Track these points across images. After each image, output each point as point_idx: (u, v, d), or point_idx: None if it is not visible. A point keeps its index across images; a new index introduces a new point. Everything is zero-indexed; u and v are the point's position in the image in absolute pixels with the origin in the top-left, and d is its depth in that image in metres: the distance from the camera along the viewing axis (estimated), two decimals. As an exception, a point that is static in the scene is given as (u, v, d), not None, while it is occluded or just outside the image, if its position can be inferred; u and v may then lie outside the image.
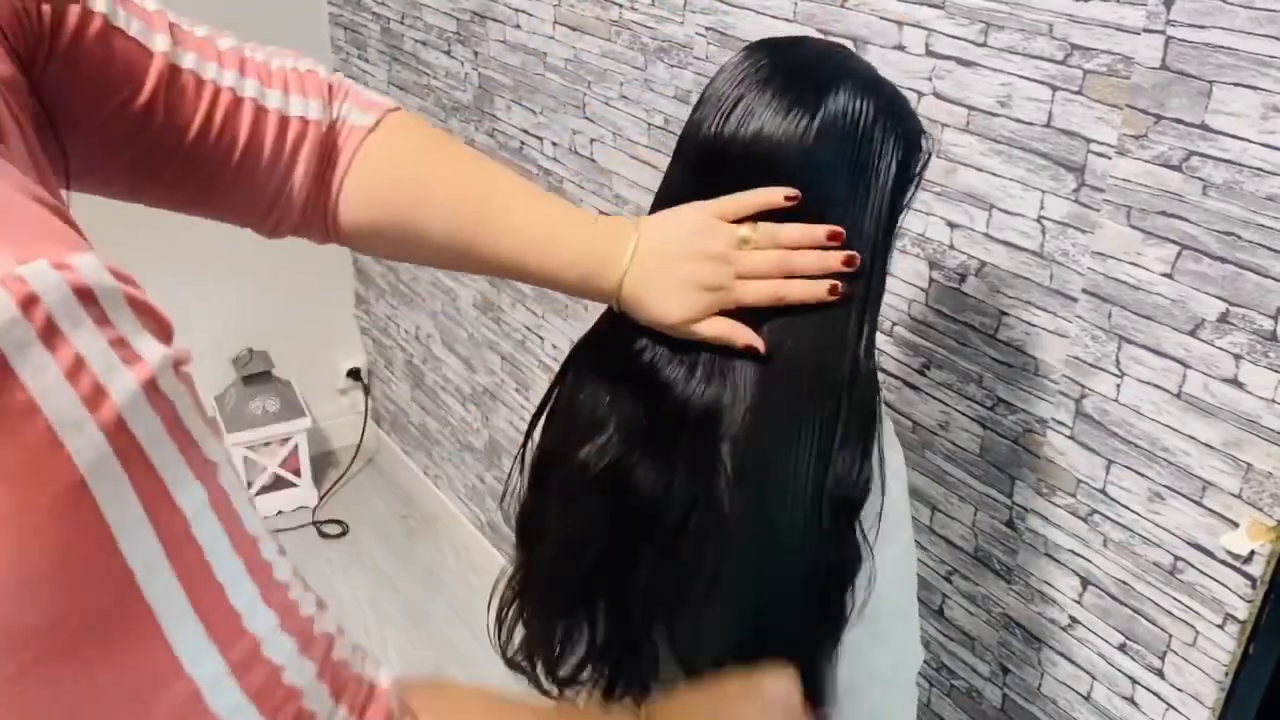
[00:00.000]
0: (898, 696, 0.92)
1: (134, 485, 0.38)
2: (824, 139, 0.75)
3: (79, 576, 0.37)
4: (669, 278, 0.77)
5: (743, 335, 0.77)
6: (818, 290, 0.75)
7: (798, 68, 0.79)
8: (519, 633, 0.94)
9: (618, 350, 0.84)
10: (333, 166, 0.80)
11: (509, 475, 0.91)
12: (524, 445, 0.90)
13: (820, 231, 0.76)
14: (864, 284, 0.78)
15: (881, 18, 1.16)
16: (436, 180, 0.82)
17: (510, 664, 0.95)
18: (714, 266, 0.76)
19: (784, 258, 0.76)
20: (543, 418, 0.89)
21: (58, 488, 0.36)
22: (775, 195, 0.76)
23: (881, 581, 0.81)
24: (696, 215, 0.78)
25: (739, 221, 0.77)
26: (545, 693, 0.95)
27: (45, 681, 0.38)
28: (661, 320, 0.78)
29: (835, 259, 0.75)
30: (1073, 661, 1.15)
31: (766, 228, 0.77)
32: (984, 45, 1.06)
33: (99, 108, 0.70)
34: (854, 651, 0.84)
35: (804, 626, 0.83)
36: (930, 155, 0.82)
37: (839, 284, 0.76)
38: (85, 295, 0.37)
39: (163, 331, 0.41)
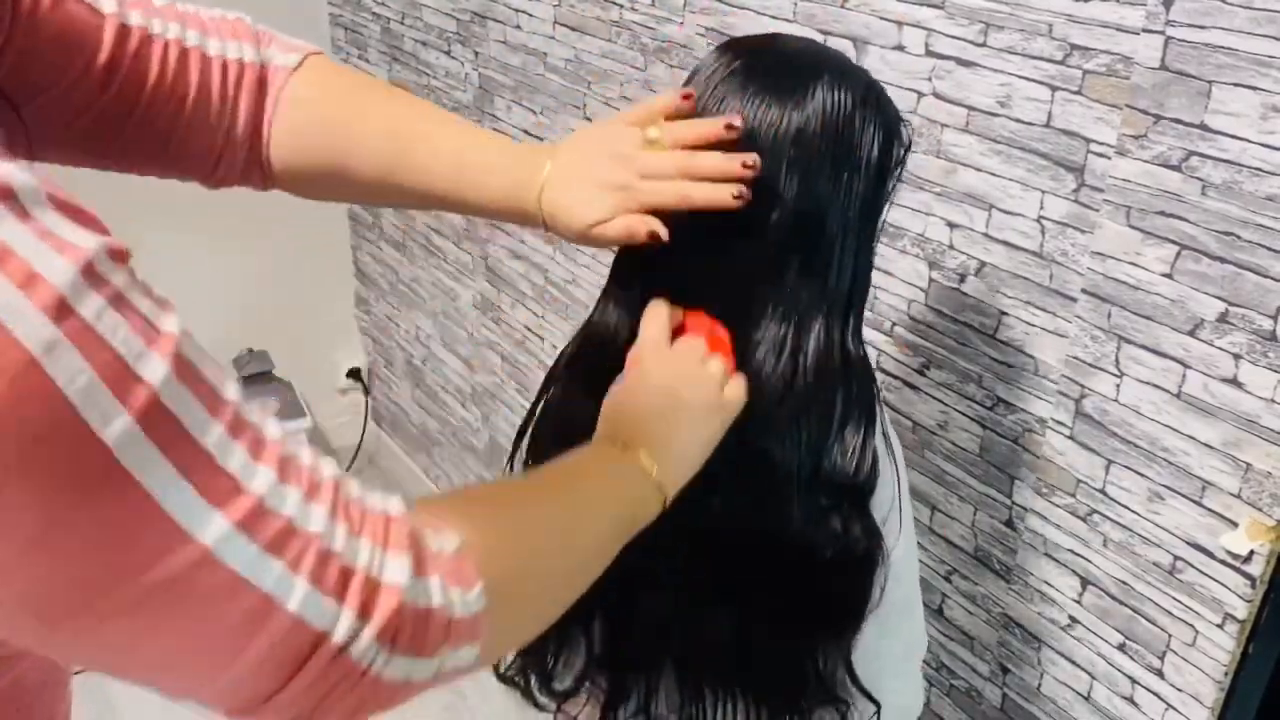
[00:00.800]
0: (909, 685, 0.93)
1: (88, 360, 0.37)
2: (806, 132, 0.75)
3: (53, 459, 0.37)
4: (579, 184, 0.78)
5: (643, 226, 0.75)
6: (721, 195, 0.73)
7: (775, 63, 0.79)
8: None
9: (606, 358, 0.83)
10: (263, 107, 0.82)
11: None
12: (511, 456, 0.90)
13: (718, 126, 0.75)
14: (849, 277, 0.78)
15: (881, 18, 1.16)
16: (362, 120, 0.83)
17: (503, 679, 0.94)
18: (617, 165, 0.76)
19: (686, 158, 0.75)
20: (530, 429, 0.89)
21: (11, 371, 0.36)
22: (675, 95, 0.76)
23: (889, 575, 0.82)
24: (606, 123, 0.80)
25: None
26: (541, 707, 0.95)
27: (52, 560, 0.38)
28: (573, 225, 0.78)
29: (736, 161, 0.74)
30: (1072, 661, 1.15)
31: (670, 126, 0.76)
32: (984, 45, 1.06)
33: (59, 77, 0.71)
34: (864, 645, 0.84)
35: (824, 619, 0.83)
36: (910, 142, 0.82)
37: (744, 190, 0.73)
38: (3, 193, 0.37)
39: (96, 229, 0.41)
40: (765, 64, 0.79)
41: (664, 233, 0.76)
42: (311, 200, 0.90)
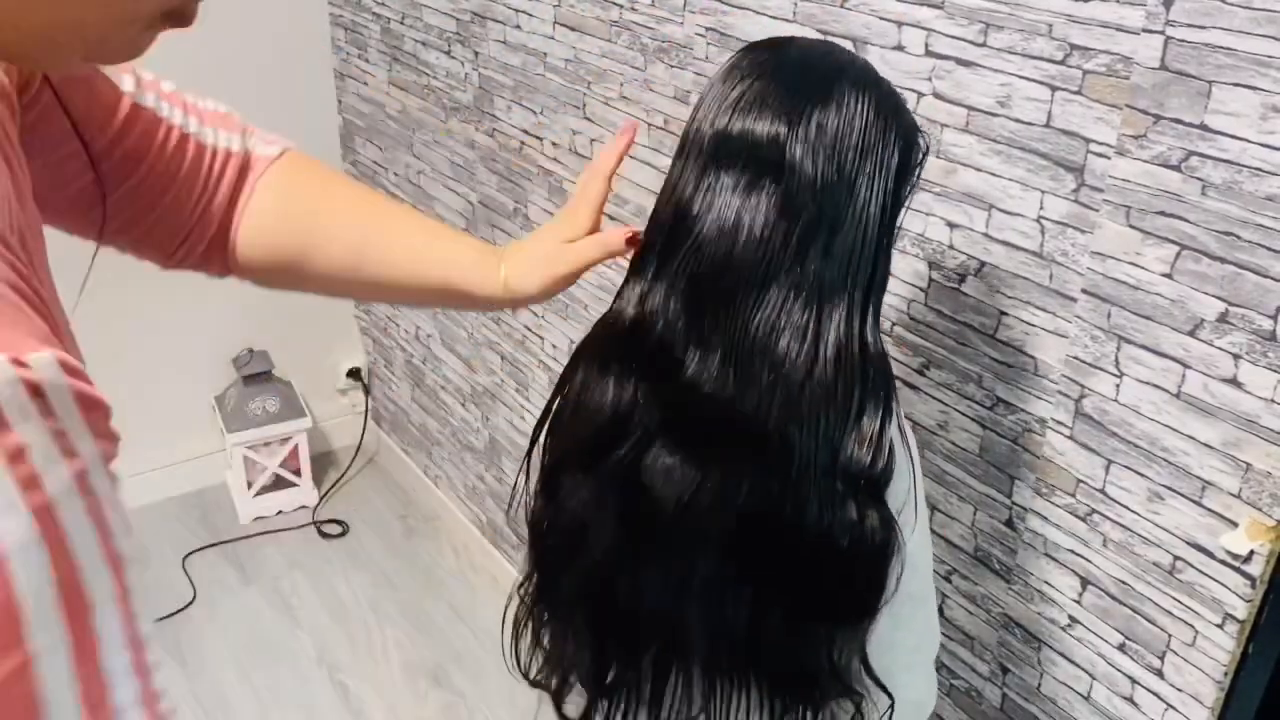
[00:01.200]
0: (921, 679, 0.93)
1: (52, 567, 0.40)
2: (830, 133, 0.77)
3: None
4: (530, 262, 0.91)
5: (618, 233, 0.88)
6: (616, 243, 0.88)
7: (798, 64, 0.81)
8: (537, 652, 0.94)
9: (625, 350, 0.84)
10: (239, 191, 0.88)
11: (515, 483, 0.91)
12: (529, 452, 0.90)
13: (621, 239, 0.89)
14: (868, 271, 0.80)
15: (881, 18, 1.16)
16: (330, 213, 0.91)
17: (533, 684, 0.95)
18: (555, 242, 0.91)
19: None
20: (548, 422, 0.90)
21: None
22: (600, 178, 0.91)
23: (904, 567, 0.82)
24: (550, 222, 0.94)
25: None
26: (564, 715, 0.95)
27: None
28: (528, 291, 0.91)
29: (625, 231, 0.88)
30: (1072, 661, 1.15)
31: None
32: (983, 45, 1.06)
33: (73, 138, 0.77)
34: (877, 636, 0.85)
35: (839, 609, 0.83)
36: (927, 148, 0.84)
37: (635, 231, 0.86)
38: (35, 391, 0.40)
39: (104, 417, 0.43)
40: (790, 65, 0.81)
41: (639, 232, 0.85)
42: (275, 289, 0.96)
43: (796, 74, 0.79)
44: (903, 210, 0.83)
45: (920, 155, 0.83)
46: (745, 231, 0.78)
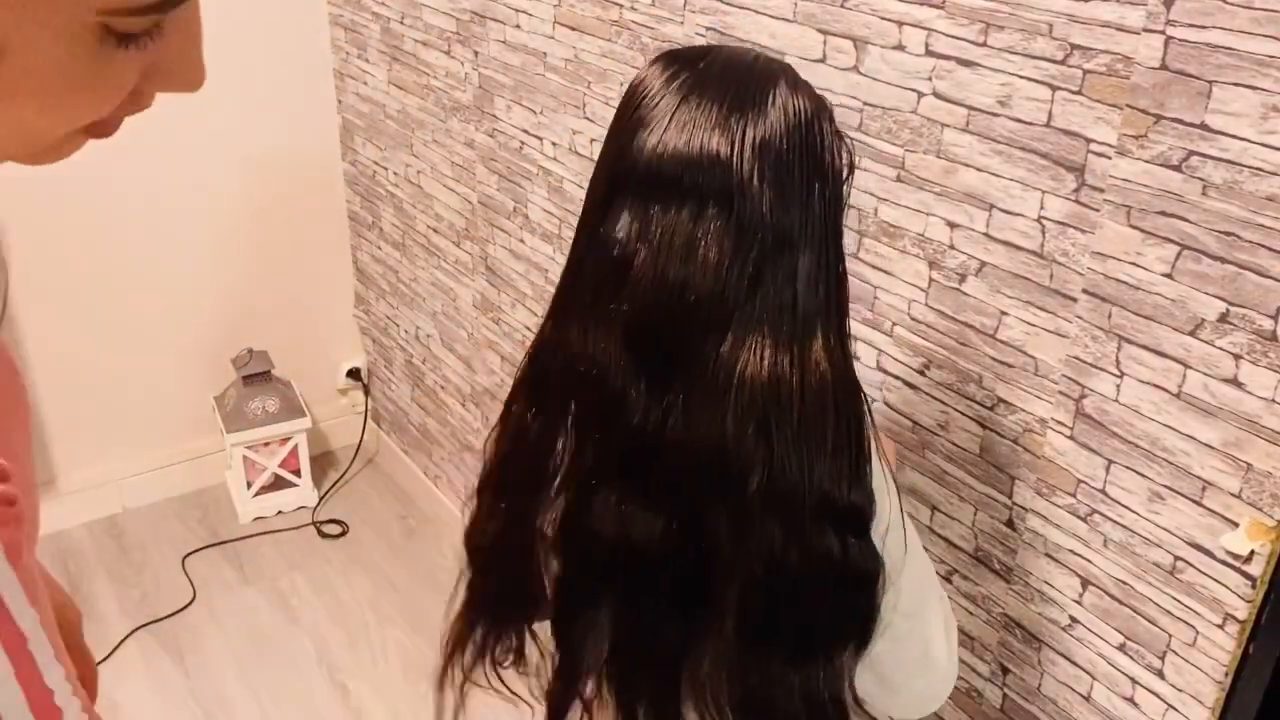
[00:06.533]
0: (933, 677, 0.90)
1: None
2: (774, 146, 0.73)
3: None
4: None
5: None
6: None
7: (726, 74, 0.76)
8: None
9: (567, 396, 0.82)
10: None
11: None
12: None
13: None
14: (833, 289, 0.76)
15: (881, 18, 1.16)
16: None
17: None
18: None
19: None
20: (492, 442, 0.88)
21: None
22: None
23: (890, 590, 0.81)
24: None
25: None
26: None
27: None
28: None
29: None
30: (1072, 661, 1.15)
31: None
32: (984, 45, 1.06)
33: None
34: (878, 655, 0.83)
35: (828, 641, 0.81)
36: (853, 151, 0.80)
37: None
38: None
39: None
40: (717, 75, 0.75)
41: None
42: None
43: (728, 86, 0.74)
44: (845, 215, 0.79)
45: (849, 155, 0.78)
46: (698, 267, 0.72)
